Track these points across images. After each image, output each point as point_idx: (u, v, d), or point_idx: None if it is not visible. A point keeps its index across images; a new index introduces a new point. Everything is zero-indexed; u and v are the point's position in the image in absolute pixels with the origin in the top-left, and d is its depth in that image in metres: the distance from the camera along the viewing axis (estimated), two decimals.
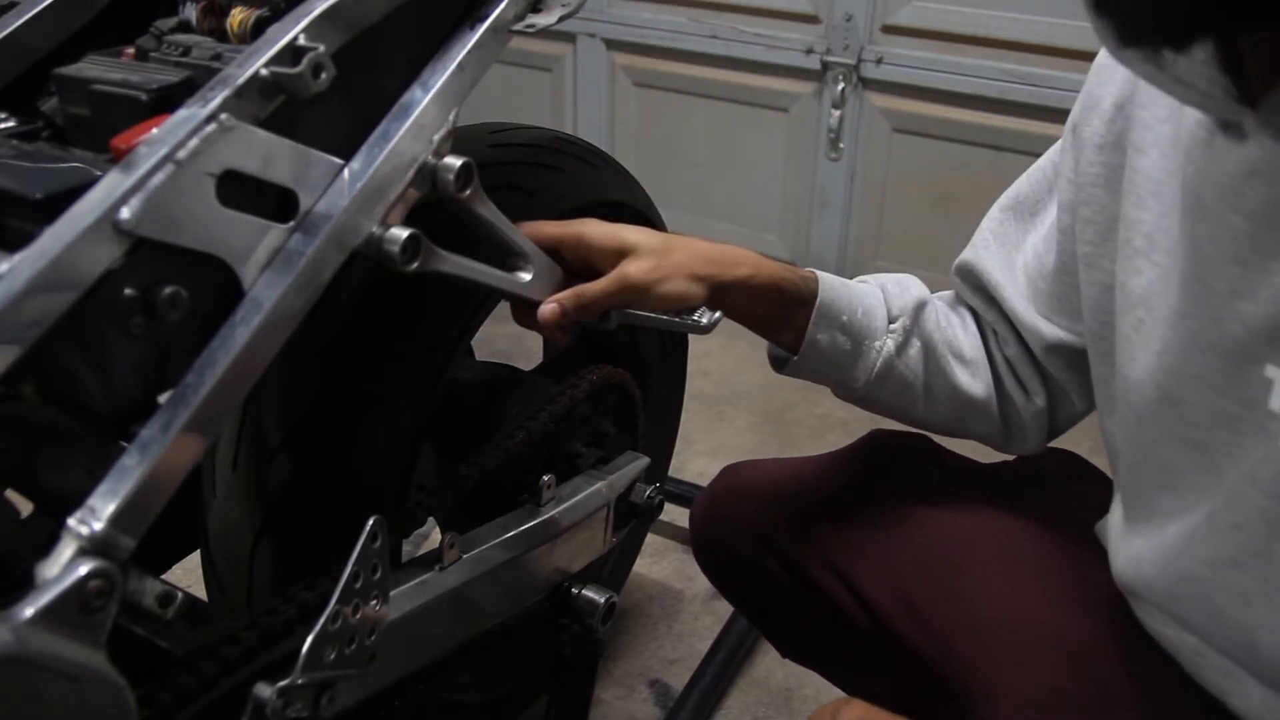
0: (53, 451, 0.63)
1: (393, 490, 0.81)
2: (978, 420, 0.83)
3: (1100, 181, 0.68)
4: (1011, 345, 0.81)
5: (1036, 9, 1.92)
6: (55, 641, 0.47)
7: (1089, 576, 0.75)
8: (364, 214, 0.62)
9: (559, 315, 0.76)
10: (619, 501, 0.97)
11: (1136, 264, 0.63)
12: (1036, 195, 0.78)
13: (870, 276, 0.84)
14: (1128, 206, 0.64)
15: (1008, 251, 0.80)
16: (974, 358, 0.82)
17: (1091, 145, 0.68)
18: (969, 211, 2.21)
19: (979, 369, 0.82)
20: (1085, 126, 0.69)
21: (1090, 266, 0.69)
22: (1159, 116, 0.62)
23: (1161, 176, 0.61)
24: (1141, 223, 0.63)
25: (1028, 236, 0.79)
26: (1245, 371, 0.54)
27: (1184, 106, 0.58)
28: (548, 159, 0.93)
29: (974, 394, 0.81)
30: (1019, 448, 0.85)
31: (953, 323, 0.83)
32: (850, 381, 0.81)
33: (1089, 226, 0.69)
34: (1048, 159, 0.77)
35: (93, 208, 0.50)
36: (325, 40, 0.59)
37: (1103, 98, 0.67)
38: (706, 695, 1.27)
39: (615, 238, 0.76)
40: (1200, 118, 0.56)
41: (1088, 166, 0.69)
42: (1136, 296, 0.63)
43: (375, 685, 0.72)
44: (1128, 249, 0.64)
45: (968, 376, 0.81)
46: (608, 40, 2.43)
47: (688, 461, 1.79)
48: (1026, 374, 0.81)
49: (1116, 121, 0.66)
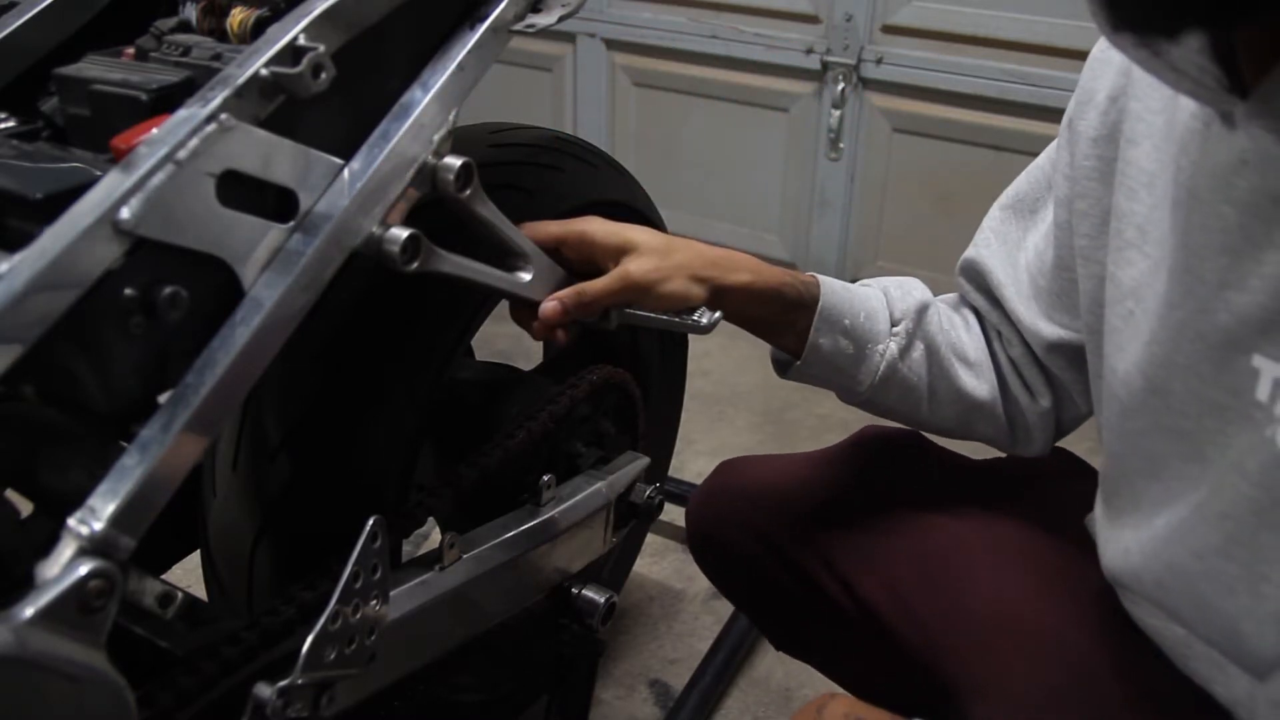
0: (53, 451, 0.63)
1: (393, 490, 0.81)
2: (983, 422, 0.83)
3: (1095, 175, 0.68)
4: (1015, 346, 0.81)
5: (1036, 9, 1.92)
6: (55, 641, 0.47)
7: (1079, 571, 0.75)
8: (364, 214, 0.62)
9: (560, 313, 0.76)
10: (619, 501, 0.97)
11: (1128, 255, 0.63)
12: (1036, 193, 0.78)
13: (873, 280, 0.84)
14: (1120, 198, 0.64)
15: (1010, 250, 0.80)
16: (978, 360, 0.82)
17: (1086, 139, 0.68)
18: (969, 211, 2.21)
19: (983, 371, 0.82)
20: (1080, 120, 0.69)
21: (1087, 260, 0.70)
22: (1152, 108, 0.62)
23: (1154, 168, 0.62)
24: (1133, 214, 0.63)
25: (1029, 234, 0.79)
26: (1233, 361, 0.54)
27: (1178, 98, 0.58)
28: (548, 159, 0.93)
29: (978, 396, 0.81)
30: (1025, 449, 0.85)
31: (956, 325, 0.83)
32: (854, 385, 0.81)
33: (1085, 220, 0.69)
34: (1045, 156, 0.78)
35: (93, 208, 0.50)
36: (325, 40, 0.59)
37: (1097, 90, 0.68)
38: (706, 695, 1.27)
39: (618, 236, 0.76)
40: (1195, 109, 0.56)
41: (1083, 160, 0.69)
42: (1126, 288, 0.63)
43: (375, 685, 0.72)
44: (1119, 240, 0.64)
45: (972, 379, 0.81)
46: (608, 40, 2.43)
47: (688, 461, 1.79)
48: (1031, 375, 0.81)
49: (1110, 114, 0.66)
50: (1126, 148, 0.64)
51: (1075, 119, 0.70)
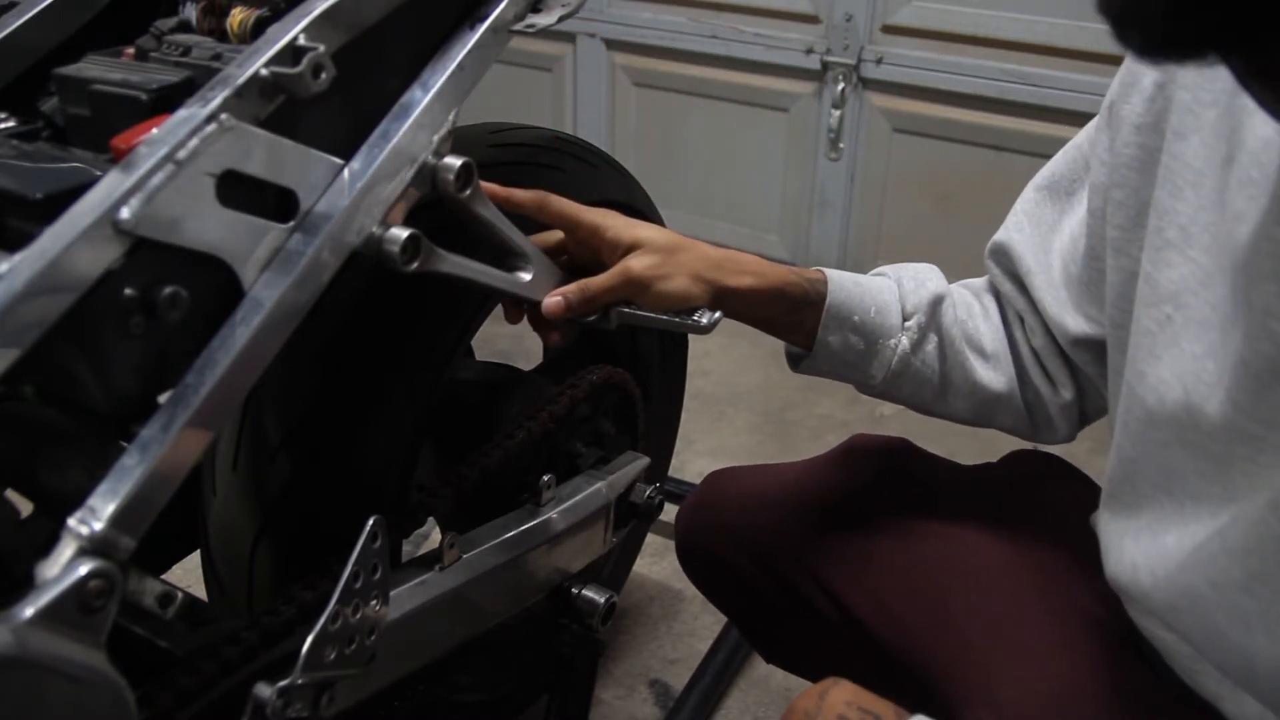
0: (53, 451, 0.63)
1: (393, 490, 0.81)
2: (1002, 413, 0.82)
3: (1135, 164, 0.65)
4: (1039, 336, 0.79)
5: (1036, 9, 1.92)
6: (55, 642, 0.47)
7: (1075, 578, 0.75)
8: (364, 214, 0.62)
9: (563, 307, 0.76)
10: (619, 501, 0.97)
11: (1167, 256, 0.60)
12: (1073, 174, 0.75)
13: (889, 267, 0.82)
14: (1162, 194, 0.61)
15: (1043, 234, 0.77)
16: (995, 351, 0.81)
17: (1129, 125, 0.65)
18: (969, 211, 2.22)
19: (1000, 362, 0.80)
20: (1124, 104, 0.65)
21: (1118, 253, 0.67)
22: (1203, 101, 0.59)
23: (1201, 166, 0.58)
24: (1176, 213, 0.60)
25: (1065, 218, 0.76)
26: (1272, 392, 0.52)
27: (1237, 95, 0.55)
28: (548, 159, 0.93)
29: (995, 388, 0.80)
30: (1048, 438, 0.83)
31: (974, 314, 0.81)
32: (867, 379, 0.81)
33: (1120, 210, 0.66)
34: (1084, 135, 0.74)
35: (93, 208, 0.50)
36: (325, 40, 0.59)
37: (1143, 74, 0.64)
38: (706, 695, 1.27)
39: (627, 233, 0.76)
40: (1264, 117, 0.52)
41: (1123, 147, 0.65)
42: (1165, 291, 0.60)
43: (375, 685, 0.72)
44: (1158, 239, 0.61)
45: (988, 371, 0.80)
46: (608, 40, 2.43)
47: (688, 461, 1.79)
48: (1054, 366, 0.79)
49: (1157, 101, 0.63)
50: (1173, 140, 0.61)
51: (1118, 103, 0.66)
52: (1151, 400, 0.61)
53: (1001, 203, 0.84)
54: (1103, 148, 0.68)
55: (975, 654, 0.72)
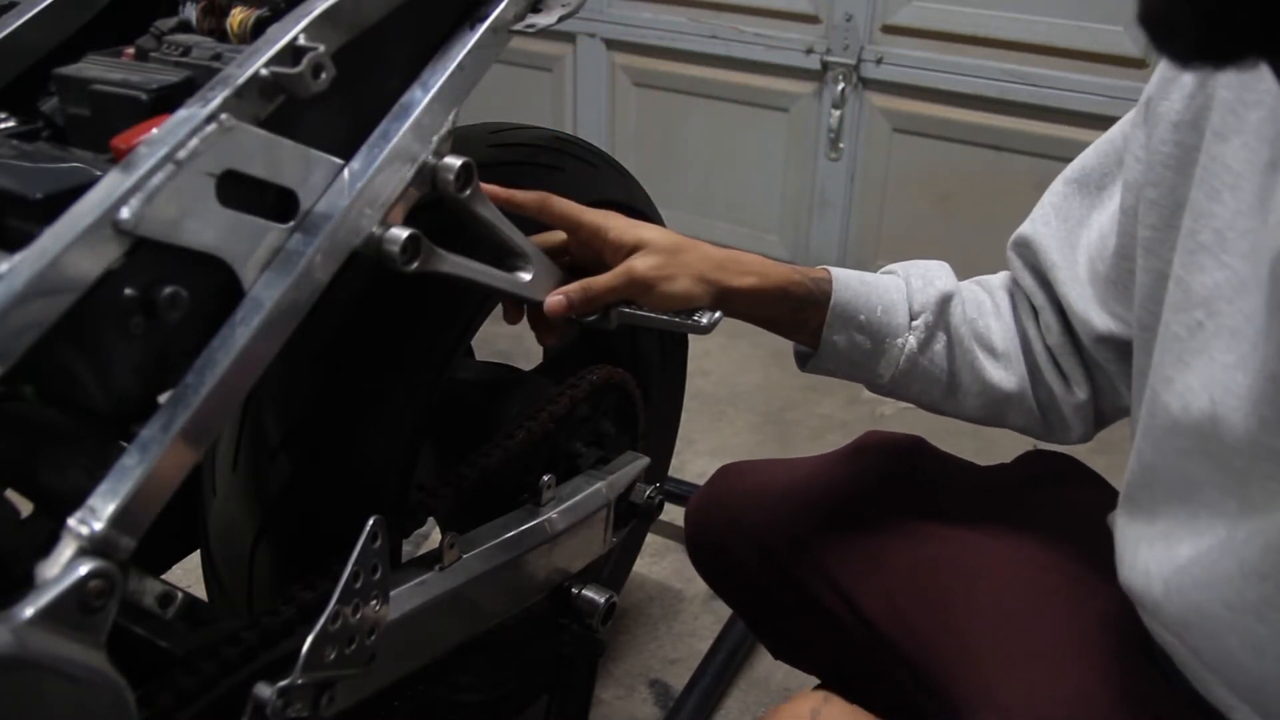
0: (53, 451, 0.63)
1: (393, 490, 0.81)
2: (1013, 412, 0.81)
3: (1171, 162, 0.62)
4: (1055, 334, 0.77)
5: (1036, 9, 1.92)
6: (55, 642, 0.47)
7: (1087, 581, 0.74)
8: (364, 214, 0.62)
9: (565, 306, 0.76)
10: (619, 501, 0.97)
11: (1200, 260, 0.58)
12: (1105, 168, 0.73)
13: (899, 265, 0.82)
14: (1198, 196, 0.59)
15: (1070, 229, 0.75)
16: (1005, 350, 0.79)
17: (1167, 122, 0.62)
18: (969, 211, 2.22)
19: (1011, 361, 0.79)
20: (1163, 101, 0.63)
21: (1149, 253, 0.64)
22: (1247, 101, 0.57)
23: (1242, 169, 0.56)
24: (1213, 216, 0.57)
25: (1094, 213, 0.74)
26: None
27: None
28: (548, 159, 0.93)
29: (1005, 388, 0.79)
30: (1061, 438, 0.82)
31: (984, 312, 0.80)
32: (875, 378, 0.80)
33: (1154, 210, 0.64)
34: (1118, 130, 0.72)
35: (93, 208, 0.50)
36: (325, 40, 0.59)
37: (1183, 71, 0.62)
38: (706, 695, 1.27)
39: (630, 234, 0.76)
40: None
41: (1160, 145, 0.63)
42: (1197, 296, 0.58)
43: (375, 685, 0.72)
44: (1192, 242, 0.59)
45: (998, 370, 0.79)
46: (608, 40, 2.43)
47: (688, 461, 1.79)
48: (1069, 365, 0.78)
49: (1197, 98, 0.61)
50: (1213, 141, 0.58)
51: (1156, 99, 0.64)
52: (1176, 407, 0.59)
53: (1001, 203, 0.84)
54: (1138, 144, 0.66)
55: (984, 657, 0.71)
